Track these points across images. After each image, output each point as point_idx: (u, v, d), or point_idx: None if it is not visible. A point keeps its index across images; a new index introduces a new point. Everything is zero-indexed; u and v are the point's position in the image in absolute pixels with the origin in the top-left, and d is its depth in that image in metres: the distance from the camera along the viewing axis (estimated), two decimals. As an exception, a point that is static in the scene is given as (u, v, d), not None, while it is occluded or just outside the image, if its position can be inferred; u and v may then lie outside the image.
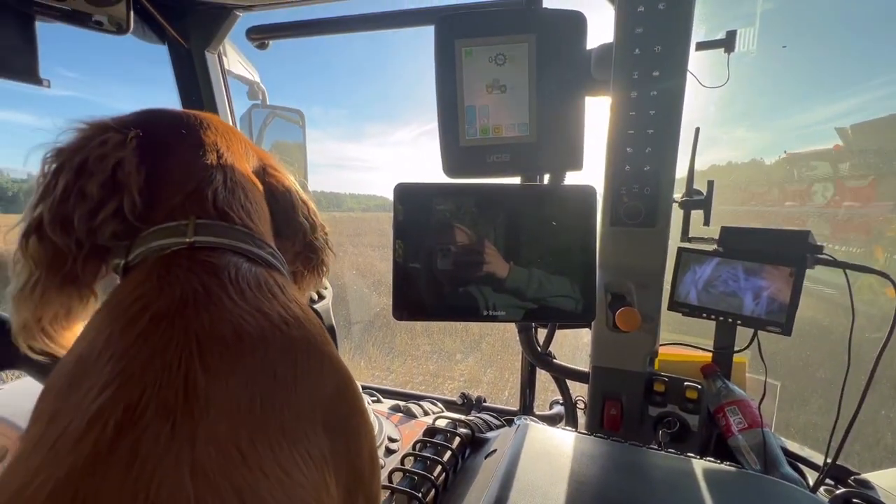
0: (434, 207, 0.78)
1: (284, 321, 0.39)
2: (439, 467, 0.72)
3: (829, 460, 0.73)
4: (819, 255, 0.75)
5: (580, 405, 1.07)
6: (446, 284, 0.78)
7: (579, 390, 1.07)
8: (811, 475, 0.78)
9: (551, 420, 1.10)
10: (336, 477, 0.37)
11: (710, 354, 0.88)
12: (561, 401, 1.07)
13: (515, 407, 1.17)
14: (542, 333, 1.03)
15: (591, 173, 0.86)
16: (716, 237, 0.84)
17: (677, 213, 0.84)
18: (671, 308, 0.87)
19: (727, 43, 0.78)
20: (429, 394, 1.29)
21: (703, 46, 0.78)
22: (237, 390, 0.32)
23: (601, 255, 0.82)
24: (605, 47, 0.77)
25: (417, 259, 0.76)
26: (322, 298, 0.96)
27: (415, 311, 0.79)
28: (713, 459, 0.64)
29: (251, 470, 0.29)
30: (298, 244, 0.60)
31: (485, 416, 0.90)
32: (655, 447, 0.68)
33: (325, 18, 0.98)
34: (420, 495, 0.66)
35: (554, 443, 0.68)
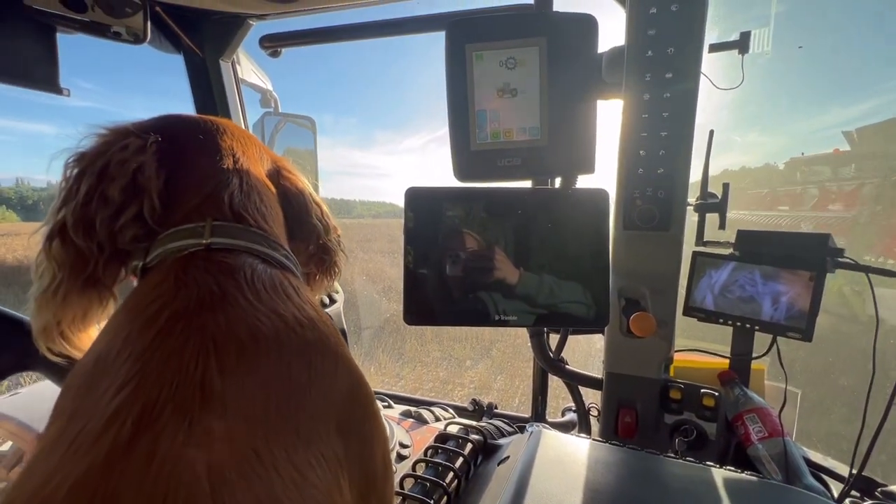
0: (444, 212, 0.78)
1: (299, 323, 0.39)
2: (451, 474, 0.71)
3: (855, 471, 0.70)
4: (840, 259, 0.73)
5: (593, 412, 1.05)
6: (456, 289, 0.77)
7: (592, 397, 1.05)
8: (835, 486, 0.75)
9: (564, 427, 1.09)
10: (349, 480, 0.36)
11: (727, 361, 0.86)
12: (573, 408, 1.06)
13: (527, 414, 1.16)
14: (555, 340, 1.02)
15: (603, 177, 0.85)
16: (731, 241, 0.82)
17: (691, 217, 0.82)
18: (686, 313, 0.85)
19: (741, 44, 0.77)
20: (439, 400, 1.28)
21: (717, 48, 0.77)
22: (253, 391, 0.32)
23: (614, 260, 0.81)
24: (617, 50, 0.77)
25: (428, 264, 0.76)
26: (333, 303, 0.96)
27: (425, 316, 0.79)
28: (733, 469, 0.62)
29: (266, 470, 0.29)
30: (312, 246, 0.61)
31: (497, 423, 0.89)
32: (672, 455, 0.66)
33: (337, 26, 0.99)
34: (432, 502, 0.65)
35: (568, 450, 0.66)
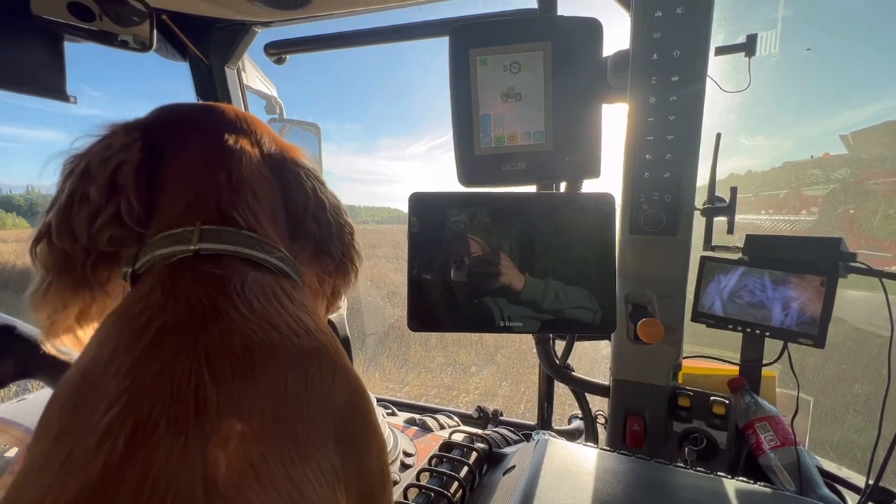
0: (449, 217, 0.77)
1: (294, 332, 0.38)
2: (456, 483, 0.70)
3: (871, 481, 0.68)
4: (852, 264, 0.72)
5: (600, 420, 1.04)
6: (461, 295, 0.76)
7: (599, 404, 1.04)
8: (851, 497, 0.73)
9: (570, 435, 1.07)
10: (347, 494, 0.35)
11: (737, 368, 0.85)
12: (580, 415, 1.04)
13: (533, 421, 1.14)
14: (561, 346, 1.01)
15: (609, 181, 0.84)
16: (739, 245, 0.81)
17: (699, 222, 0.81)
18: (695, 319, 0.84)
19: (748, 47, 0.76)
20: (444, 407, 1.27)
21: (724, 51, 0.76)
22: (249, 404, 0.31)
23: (620, 265, 0.80)
24: (622, 54, 0.76)
25: (432, 269, 0.76)
26: (337, 309, 0.96)
27: (429, 322, 0.78)
28: (745, 479, 0.61)
29: (264, 486, 0.28)
30: (320, 245, 0.56)
31: (502, 431, 0.88)
32: (682, 465, 0.65)
33: (341, 33, 1.00)
34: (436, 513, 0.64)
35: (575, 459, 0.65)
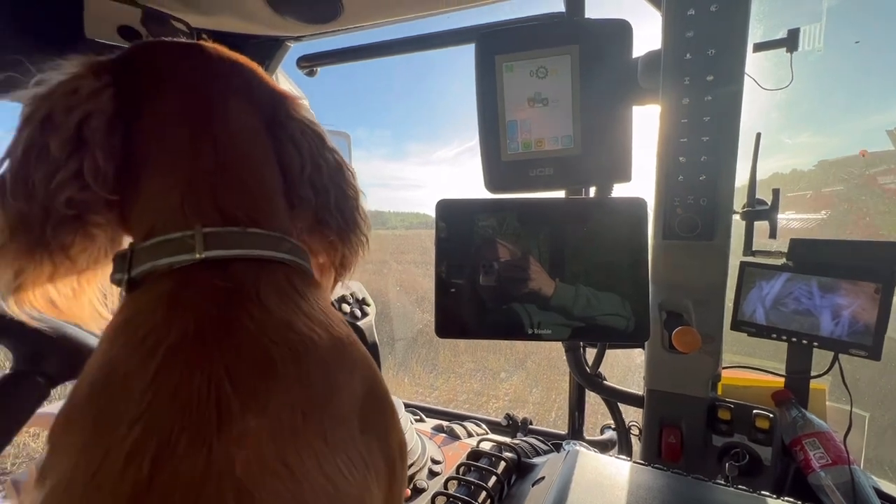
0: (476, 223, 0.77)
1: (312, 330, 0.37)
2: (483, 493, 0.69)
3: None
4: (911, 270, 0.67)
5: (634, 431, 1.00)
6: (490, 302, 0.76)
7: (633, 415, 1.00)
8: (913, 523, 0.67)
9: (602, 446, 1.04)
10: (376, 476, 0.36)
11: (783, 380, 0.80)
12: (613, 426, 1.01)
13: (563, 430, 1.12)
14: (592, 354, 0.98)
15: (640, 185, 0.82)
16: (783, 250, 0.77)
17: (738, 226, 0.78)
18: (735, 328, 0.80)
19: (789, 42, 0.72)
20: (473, 413, 1.26)
21: (762, 47, 0.73)
22: (276, 408, 0.32)
23: (654, 271, 0.78)
24: (653, 54, 0.74)
25: (460, 276, 0.75)
26: (365, 315, 0.97)
27: (458, 329, 0.78)
28: (792, 500, 0.57)
29: (299, 483, 0.29)
30: (319, 212, 0.49)
31: (531, 440, 0.86)
32: (722, 482, 0.62)
33: (370, 44, 1.02)
34: (464, 522, 0.63)
35: (607, 472, 0.63)
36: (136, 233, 0.40)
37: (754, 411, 0.76)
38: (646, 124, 0.79)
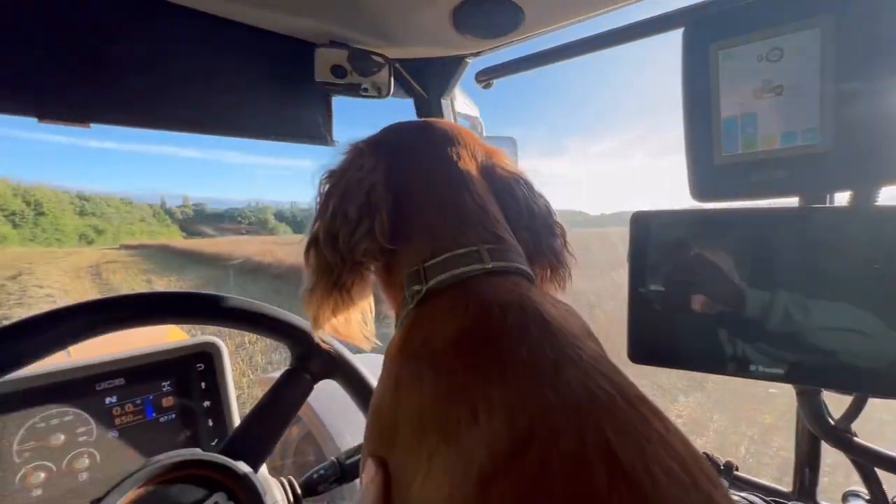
0: (680, 238, 0.68)
1: (579, 328, 0.40)
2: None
3: None
4: None
5: (899, 508, 0.76)
6: (695, 329, 0.66)
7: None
8: None
9: (846, 519, 0.81)
10: None
11: None
12: (865, 494, 0.78)
13: (770, 476, 0.91)
14: (832, 398, 0.78)
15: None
16: None
17: None
18: None
19: None
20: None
21: None
22: (626, 397, 0.31)
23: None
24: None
25: (660, 298, 0.68)
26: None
27: (653, 355, 0.70)
28: None
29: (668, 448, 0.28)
30: (532, 252, 0.55)
31: (749, 498, 0.71)
32: None
33: (552, 48, 0.98)
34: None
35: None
36: (407, 264, 0.47)
37: None
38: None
